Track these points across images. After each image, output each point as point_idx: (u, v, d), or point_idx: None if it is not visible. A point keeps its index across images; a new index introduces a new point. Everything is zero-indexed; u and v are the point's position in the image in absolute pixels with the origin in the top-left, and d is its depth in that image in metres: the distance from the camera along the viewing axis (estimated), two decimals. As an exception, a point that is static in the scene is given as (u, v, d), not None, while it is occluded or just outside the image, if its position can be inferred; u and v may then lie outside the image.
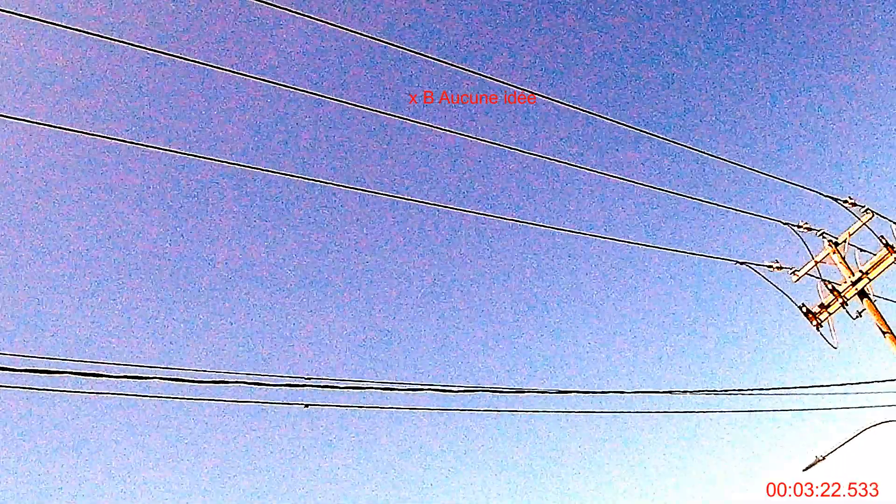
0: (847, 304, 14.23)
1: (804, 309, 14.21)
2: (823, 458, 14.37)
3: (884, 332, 14.19)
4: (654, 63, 58.88)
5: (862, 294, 14.26)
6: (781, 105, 58.15)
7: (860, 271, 14.24)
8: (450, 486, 48.45)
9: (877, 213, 14.25)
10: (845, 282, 14.30)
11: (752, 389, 12.90)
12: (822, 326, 14.17)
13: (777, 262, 14.36)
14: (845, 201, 14.15)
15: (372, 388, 10.50)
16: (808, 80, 57.50)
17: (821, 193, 14.08)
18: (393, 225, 58.43)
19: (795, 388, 13.34)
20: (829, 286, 14.21)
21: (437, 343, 56.93)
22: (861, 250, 14.42)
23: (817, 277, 14.37)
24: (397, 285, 57.22)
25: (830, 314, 14.28)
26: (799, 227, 14.12)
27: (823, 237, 14.34)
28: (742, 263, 13.71)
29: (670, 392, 10.91)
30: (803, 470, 14.23)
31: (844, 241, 14.45)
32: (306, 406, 10.33)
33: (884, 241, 14.23)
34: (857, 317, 14.25)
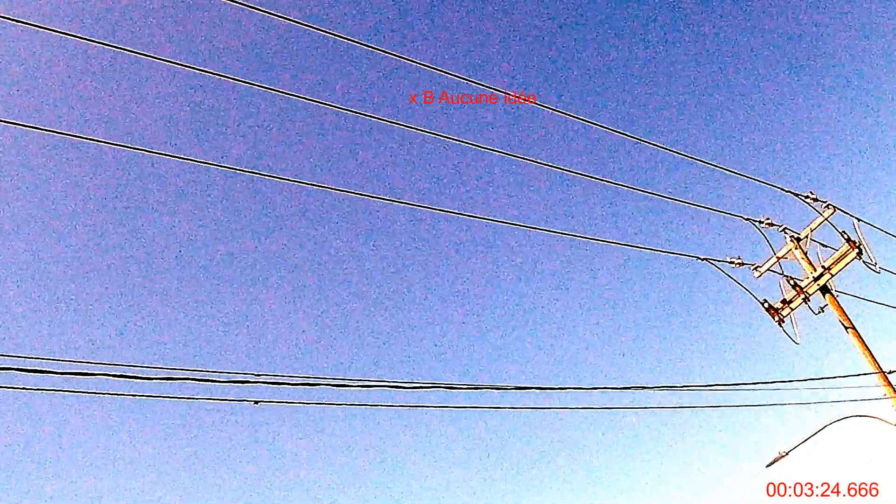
0: (809, 300, 14.22)
1: (766, 305, 14.18)
2: (787, 454, 14.34)
3: (846, 328, 14.19)
4: (615, 60, 59.00)
5: (824, 289, 14.25)
6: (742, 100, 58.40)
7: (822, 267, 14.23)
8: (409, 483, 48.31)
9: (838, 209, 14.25)
10: (807, 277, 14.29)
11: (712, 385, 12.85)
12: (784, 322, 14.15)
13: (739, 258, 14.33)
14: (806, 196, 14.14)
15: (323, 384, 10.38)
16: (768, 76, 57.79)
17: (782, 189, 14.06)
18: (359, 220, 58.26)
19: (757, 383, 13.30)
20: (791, 282, 14.20)
21: (395, 340, 56.79)
22: (823, 246, 14.42)
23: (779, 273, 14.35)
24: (358, 282, 57.03)
25: (793, 310, 14.26)
26: (760, 222, 14.10)
27: (785, 233, 14.32)
28: (704, 259, 13.66)
29: (626, 388, 10.84)
30: (766, 466, 14.19)
31: (806, 237, 14.44)
32: (256, 403, 10.18)
33: (845, 237, 14.23)
34: (819, 312, 14.25)
